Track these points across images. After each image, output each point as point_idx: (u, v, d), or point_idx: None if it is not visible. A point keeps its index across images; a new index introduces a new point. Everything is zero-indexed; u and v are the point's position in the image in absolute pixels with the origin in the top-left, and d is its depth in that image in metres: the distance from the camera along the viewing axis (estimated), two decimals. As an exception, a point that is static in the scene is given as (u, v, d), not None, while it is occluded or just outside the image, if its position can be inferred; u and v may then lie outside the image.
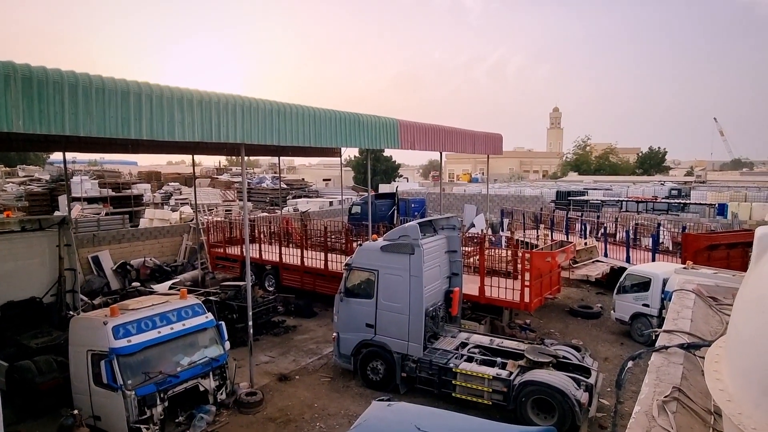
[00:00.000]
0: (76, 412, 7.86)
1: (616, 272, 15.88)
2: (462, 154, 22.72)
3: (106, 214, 24.03)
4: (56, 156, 34.92)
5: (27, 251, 11.37)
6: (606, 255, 18.03)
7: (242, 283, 13.51)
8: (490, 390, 8.95)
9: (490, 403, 8.99)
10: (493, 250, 15.20)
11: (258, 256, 17.23)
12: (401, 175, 65.18)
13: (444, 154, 17.51)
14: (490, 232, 22.31)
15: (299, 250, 16.51)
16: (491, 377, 8.98)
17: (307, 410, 9.56)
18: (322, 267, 15.69)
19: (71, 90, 6.48)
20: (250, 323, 10.36)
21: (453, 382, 9.33)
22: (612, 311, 14.05)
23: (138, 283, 17.62)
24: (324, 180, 62.85)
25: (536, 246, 16.90)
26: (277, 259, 16.91)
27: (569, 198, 32.51)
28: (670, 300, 5.40)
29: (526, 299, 12.09)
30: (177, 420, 8.72)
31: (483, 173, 78.90)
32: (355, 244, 15.73)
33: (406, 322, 9.86)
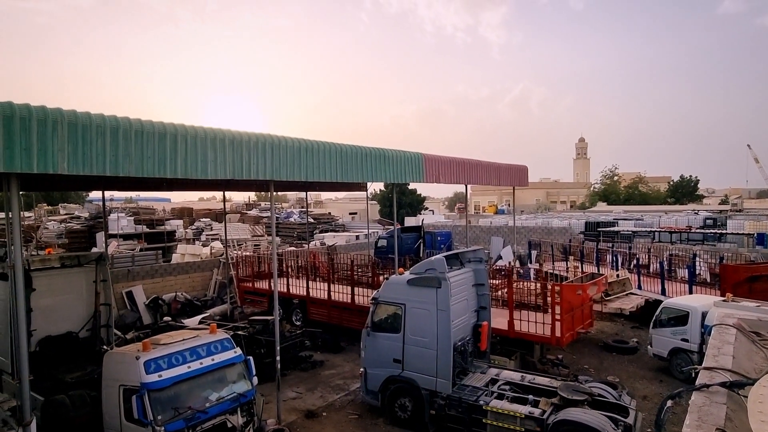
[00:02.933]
0: (107, 447, 7.93)
1: (652, 305, 15.34)
2: (487, 186, 22.73)
3: (141, 250, 24.74)
4: (95, 194, 36.45)
5: (66, 287, 11.75)
6: (640, 287, 17.47)
7: (270, 318, 13.59)
8: (523, 429, 8.64)
9: (523, 443, 8.66)
10: (521, 283, 14.93)
11: (286, 290, 17.36)
12: (427, 208, 65.31)
13: (469, 186, 17.53)
14: (517, 264, 21.96)
15: (326, 284, 16.57)
16: (523, 416, 8.68)
17: (335, 448, 9.40)
18: (349, 301, 15.67)
19: (113, 133, 6.84)
20: (278, 358, 10.36)
21: (483, 420, 9.05)
22: (649, 346, 13.50)
23: (169, 318, 17.94)
24: (350, 214, 63.37)
25: (566, 278, 16.53)
26: (305, 293, 16.99)
27: (599, 229, 31.82)
28: (710, 335, 5.19)
29: (558, 333, 11.76)
30: (205, 457, 8.67)
31: (509, 205, 78.33)
32: (381, 278, 15.72)
33: (434, 357, 9.69)
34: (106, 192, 17.14)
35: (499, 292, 14.82)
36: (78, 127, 6.46)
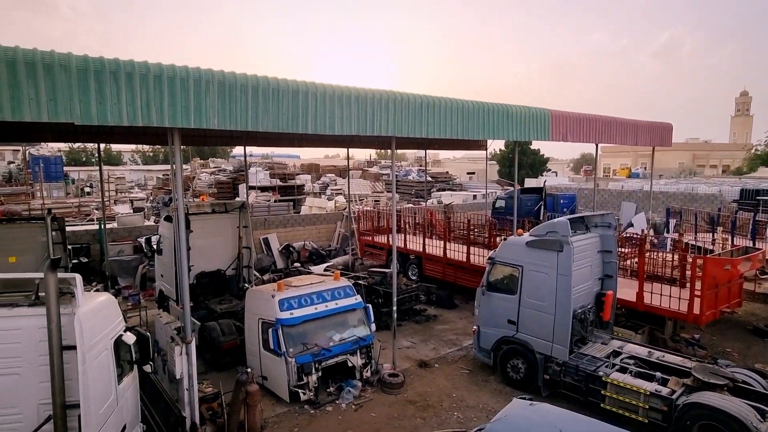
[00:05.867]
0: (249, 370, 9.11)
1: (823, 289, 13.08)
2: (621, 147, 20.70)
3: (275, 202, 27.18)
4: (238, 150, 40.33)
5: (215, 230, 13.44)
6: (808, 267, 14.93)
7: (388, 270, 14.23)
8: (647, 407, 8.14)
9: (646, 420, 8.17)
10: (655, 253, 13.64)
11: (403, 245, 17.91)
12: (549, 169, 61.62)
13: (599, 147, 16.12)
14: (652, 232, 19.99)
15: (442, 242, 16.76)
16: (649, 393, 8.15)
17: (446, 399, 9.76)
18: (464, 260, 15.72)
19: (253, 91, 7.46)
20: (395, 308, 10.87)
21: (602, 392, 8.68)
22: (814, 335, 11.64)
23: (299, 264, 19.70)
24: (468, 173, 62.39)
25: (711, 251, 14.71)
26: (421, 250, 17.38)
27: (758, 198, 27.44)
28: None
29: (696, 311, 10.64)
30: (328, 390, 9.61)
31: (645, 168, 70.67)
32: (498, 239, 15.44)
33: (551, 322, 9.43)
34: (246, 147, 18.88)
35: (629, 262, 13.73)
36: (225, 85, 7.15)
